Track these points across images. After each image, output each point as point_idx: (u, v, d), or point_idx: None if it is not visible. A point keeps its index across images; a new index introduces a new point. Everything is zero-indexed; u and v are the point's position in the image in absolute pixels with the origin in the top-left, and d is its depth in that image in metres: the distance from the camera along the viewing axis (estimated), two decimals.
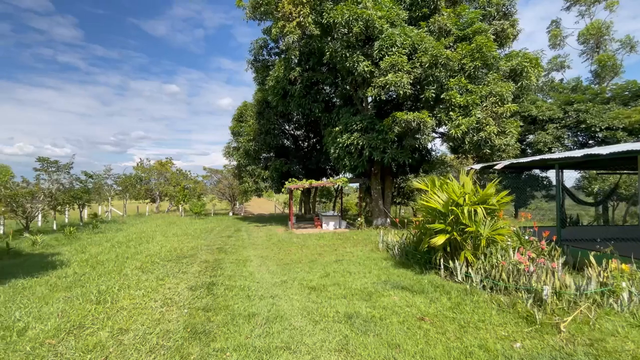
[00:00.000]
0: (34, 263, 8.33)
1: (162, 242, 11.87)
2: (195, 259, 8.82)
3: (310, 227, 17.41)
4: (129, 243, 11.69)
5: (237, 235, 14.33)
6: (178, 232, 15.17)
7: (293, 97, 15.80)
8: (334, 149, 14.48)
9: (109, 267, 7.75)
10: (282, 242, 11.93)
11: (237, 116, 22.21)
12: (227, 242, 12.12)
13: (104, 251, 10.09)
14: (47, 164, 16.40)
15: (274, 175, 19.96)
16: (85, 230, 15.31)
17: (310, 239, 12.78)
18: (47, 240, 11.97)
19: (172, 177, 36.22)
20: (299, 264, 8.17)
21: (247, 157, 20.99)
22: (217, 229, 17.09)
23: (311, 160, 22.48)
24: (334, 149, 14.48)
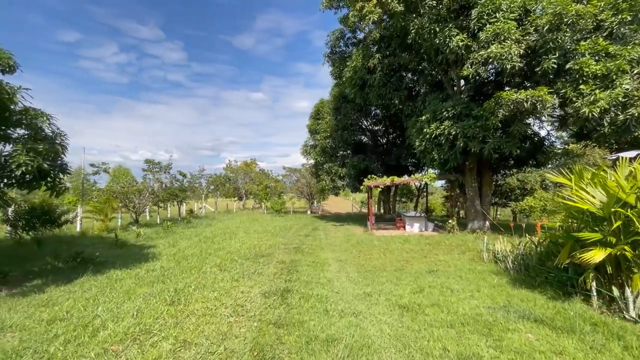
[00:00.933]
0: (133, 254, 8.96)
1: (244, 239, 11.95)
2: (272, 258, 8.38)
3: (391, 228, 15.94)
4: (215, 238, 12.08)
5: (314, 234, 13.79)
6: (259, 229, 15.38)
7: (372, 87, 14.59)
8: (420, 141, 12.78)
9: (192, 263, 7.77)
10: (361, 244, 10.87)
11: (314, 114, 21.98)
12: (304, 241, 11.60)
13: (191, 245, 10.49)
14: (152, 165, 18.50)
15: (351, 173, 19.03)
16: (181, 225, 16.71)
17: (393, 242, 11.42)
18: (149, 233, 13.21)
19: (256, 177, 38.39)
20: (384, 272, 6.99)
21: (324, 154, 20.52)
22: (295, 227, 16.93)
23: (390, 156, 20.87)
24: (420, 141, 12.78)
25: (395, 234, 13.66)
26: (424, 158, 13.43)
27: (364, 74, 14.55)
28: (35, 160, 5.02)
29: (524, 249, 6.64)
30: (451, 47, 10.68)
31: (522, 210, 22.40)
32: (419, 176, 13.84)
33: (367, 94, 15.03)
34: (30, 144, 5.06)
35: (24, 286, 5.79)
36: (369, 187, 14.78)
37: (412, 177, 14.55)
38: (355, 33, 17.18)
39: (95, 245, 10.33)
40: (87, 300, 4.93)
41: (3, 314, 4.33)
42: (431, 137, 12.10)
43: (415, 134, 13.28)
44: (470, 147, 11.35)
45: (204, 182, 29.74)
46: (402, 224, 15.56)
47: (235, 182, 39.51)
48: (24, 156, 4.90)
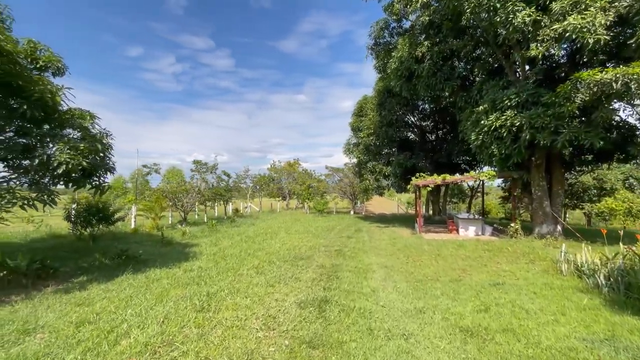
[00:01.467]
0: (175, 253, 9.02)
1: (284, 240, 11.62)
2: (311, 262, 7.84)
3: (442, 231, 14.60)
4: (256, 238, 11.92)
5: (357, 236, 13.05)
6: (300, 230, 15.03)
7: (420, 78, 13.43)
8: (476, 135, 11.40)
9: (230, 264, 7.52)
10: (409, 249, 9.90)
11: (357, 111, 21.18)
12: (346, 243, 10.92)
13: (232, 245, 10.38)
14: (199, 165, 19.15)
15: (396, 172, 17.90)
16: (225, 224, 16.99)
17: (445, 247, 10.27)
18: (194, 232, 13.51)
19: (299, 177, 38.53)
20: (437, 283, 6.07)
21: (367, 153, 19.61)
22: (338, 228, 16.31)
23: (440, 153, 19.32)
24: (476, 135, 11.40)
25: (447, 237, 12.39)
26: (480, 154, 11.98)
27: (411, 64, 13.44)
28: (75, 159, 5.04)
29: (625, 263, 5.27)
30: (515, 24, 9.26)
31: (599, 213, 19.40)
32: (475, 174, 12.41)
33: (415, 86, 13.89)
34: (72, 142, 5.09)
35: (70, 282, 5.91)
36: (417, 186, 13.65)
37: (466, 175, 13.12)
38: (401, 22, 16.07)
39: (143, 242, 10.68)
40: (120, 301, 4.78)
41: (40, 312, 4.29)
42: (490, 130, 10.69)
43: (471, 127, 11.91)
44: (539, 140, 9.78)
45: (249, 182, 30.39)
46: (455, 226, 14.14)
47: (279, 182, 40.05)
48: (65, 154, 4.93)
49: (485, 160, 12.13)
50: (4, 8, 6.20)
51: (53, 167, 4.94)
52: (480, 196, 30.14)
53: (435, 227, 16.63)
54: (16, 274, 5.43)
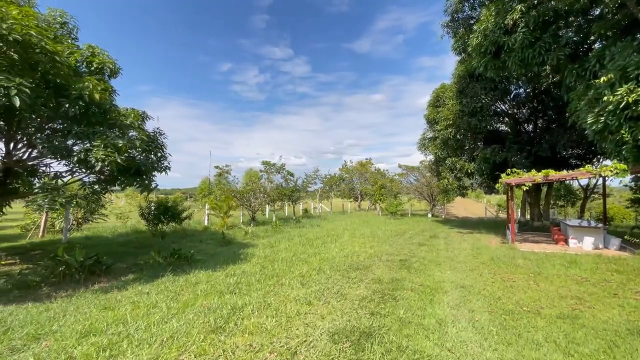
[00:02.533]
0: (230, 253, 8.80)
1: (345, 244, 10.62)
2: (367, 273, 6.66)
3: (543, 240, 11.67)
4: (315, 241, 11.18)
5: (431, 243, 11.25)
6: (366, 233, 13.83)
7: (511, 52, 10.89)
8: (595, 117, 8.59)
9: (276, 270, 6.86)
10: (497, 263, 7.87)
11: (433, 101, 18.85)
12: (415, 252, 9.35)
13: (288, 247, 9.81)
14: (268, 166, 19.46)
15: (482, 168, 15.19)
16: (291, 225, 16.77)
17: (548, 262, 7.91)
18: (257, 232, 13.47)
19: (371, 177, 37.03)
20: (537, 319, 4.30)
21: (446, 147, 17.20)
22: (410, 233, 14.59)
23: (541, 145, 15.77)
24: (595, 117, 8.59)
25: (552, 250, 9.69)
26: (602, 142, 9.03)
27: (499, 37, 10.99)
28: (112, 156, 4.95)
29: None
30: None
31: None
32: (594, 169, 9.39)
33: (504, 63, 11.34)
34: (111, 139, 5.04)
35: (118, 280, 5.94)
36: (509, 185, 11.10)
37: (579, 171, 10.03)
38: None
39: (206, 241, 10.89)
40: (143, 307, 4.42)
41: (60, 315, 4.14)
42: (618, 108, 7.86)
43: (586, 108, 9.07)
44: None
45: (319, 183, 30.19)
46: (563, 236, 11.13)
47: (351, 183, 39.14)
48: (100, 152, 4.87)
49: (611, 151, 9.09)
50: (70, 18, 6.66)
51: (91, 165, 4.93)
52: (598, 198, 24.75)
53: (534, 235, 13.54)
54: (72, 269, 5.62)
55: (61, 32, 6.27)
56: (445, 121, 16.22)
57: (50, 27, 5.16)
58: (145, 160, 6.17)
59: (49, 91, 4.81)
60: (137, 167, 5.86)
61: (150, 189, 6.37)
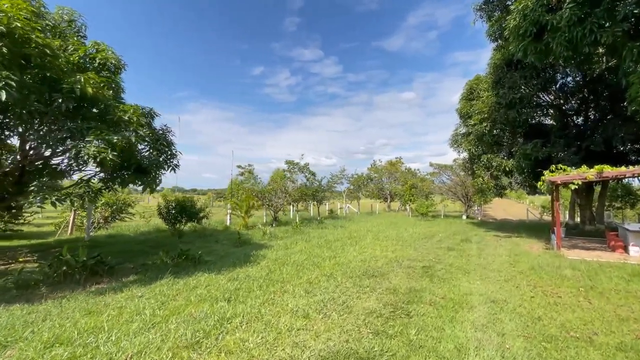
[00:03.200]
0: (241, 255, 8.45)
1: (366, 247, 9.93)
2: (382, 281, 5.96)
3: (597, 247, 10.16)
4: (335, 243, 10.59)
5: (462, 247, 10.21)
6: (391, 235, 12.98)
7: (555, 32, 9.57)
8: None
9: (283, 275, 6.36)
10: (538, 272, 6.79)
11: (466, 94, 17.48)
12: (442, 257, 8.44)
13: (303, 250, 9.31)
14: (291, 166, 19.14)
15: (522, 166, 13.69)
16: (313, 225, 16.29)
17: (603, 274, 6.69)
18: (276, 232, 13.12)
19: (401, 176, 35.67)
20: (591, 349, 3.41)
21: (480, 143, 15.79)
22: (440, 236, 13.52)
23: (593, 139, 13.94)
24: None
25: (608, 258, 8.30)
26: None
27: (540, 15, 9.71)
28: (105, 152, 4.73)
29: None
30: None
31: None
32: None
33: (547, 45, 10.00)
34: (105, 135, 4.83)
35: (119, 281, 5.77)
36: (554, 183, 9.76)
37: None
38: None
39: (222, 241, 10.70)
40: (123, 315, 4.08)
41: (39, 319, 3.91)
42: None
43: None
44: None
45: (345, 183, 29.45)
46: (622, 242, 9.59)
47: (380, 183, 37.97)
48: (92, 147, 4.67)
49: None
50: (79, 17, 6.64)
51: (84, 161, 4.75)
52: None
53: (586, 241, 11.92)
54: (73, 269, 5.51)
55: (69, 30, 6.28)
56: (479, 115, 14.87)
57: (41, 20, 5.06)
58: (149, 158, 5.96)
59: (43, 86, 4.71)
60: (138, 164, 5.64)
61: (154, 188, 6.16)
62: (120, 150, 4.96)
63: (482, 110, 14.83)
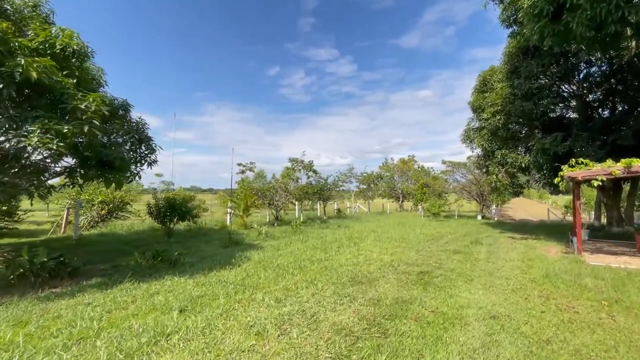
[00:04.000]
0: (225, 257, 7.91)
1: (363, 249, 9.24)
2: (367, 290, 5.26)
3: (625, 252, 9.03)
4: (331, 245, 9.94)
5: (470, 250, 9.33)
6: (395, 236, 12.19)
7: (576, 10, 8.53)
8: None
9: (261, 280, 5.78)
10: (553, 281, 5.91)
11: (478, 86, 16.38)
12: (445, 261, 7.63)
13: (295, 251, 8.71)
14: (295, 163, 18.58)
15: (540, 162, 12.55)
16: (315, 225, 15.64)
17: (631, 284, 5.75)
18: (274, 232, 12.57)
19: (413, 175, 34.52)
20: None
21: (494, 138, 14.70)
22: (449, 237, 12.63)
23: (620, 132, 12.65)
24: None
25: (637, 265, 7.25)
26: None
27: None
28: (51, 142, 4.27)
29: None
30: None
31: None
32: None
33: (566, 26, 8.96)
34: (53, 124, 4.38)
35: (80, 284, 5.31)
36: (574, 180, 8.72)
37: None
38: None
39: (213, 241, 10.24)
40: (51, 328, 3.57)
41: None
42: None
43: None
44: None
45: (354, 182, 28.63)
46: None
47: (391, 181, 36.92)
48: (36, 137, 4.22)
49: None
50: (45, 2, 6.27)
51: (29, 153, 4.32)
52: None
53: (612, 244, 10.75)
54: (29, 271, 5.10)
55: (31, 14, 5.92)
56: (493, 107, 13.80)
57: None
58: (114, 152, 5.49)
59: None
60: (100, 158, 5.18)
61: (121, 185, 5.70)
62: (73, 142, 4.51)
63: (495, 102, 13.76)
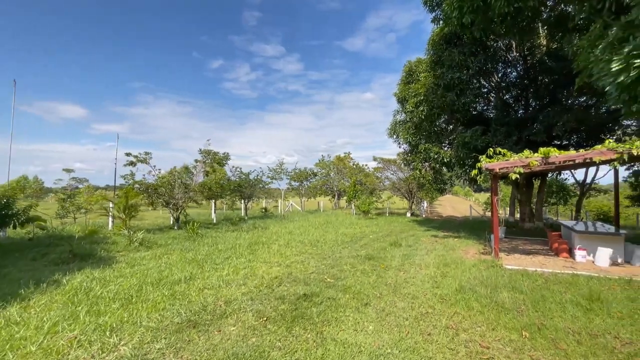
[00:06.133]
0: (27, 281, 5.34)
1: (256, 260, 7.33)
2: (196, 339, 3.31)
3: (539, 251, 8.46)
4: (218, 255, 7.84)
5: (384, 255, 7.97)
6: (312, 239, 10.54)
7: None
8: (620, 63, 5.48)
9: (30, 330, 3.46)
10: (467, 299, 4.60)
11: (404, 77, 15.55)
12: (347, 273, 6.04)
13: (153, 269, 6.43)
14: (206, 155, 15.97)
15: (461, 156, 11.97)
16: (223, 228, 13.30)
17: (552, 297, 4.68)
18: (158, 238, 10.01)
19: (349, 172, 33.77)
20: None
21: (418, 132, 13.94)
22: (370, 237, 11.39)
23: (534, 129, 12.67)
24: (620, 63, 5.48)
25: (553, 267, 6.47)
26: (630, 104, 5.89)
27: None
28: None
29: None
30: None
31: None
32: (622, 145, 5.95)
33: (485, 1, 8.07)
34: None
35: None
36: (492, 172, 7.82)
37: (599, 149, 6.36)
38: None
39: (52, 254, 7.40)
40: None
41: None
42: None
43: (606, 55, 5.96)
44: None
45: (285, 179, 26.67)
46: (565, 244, 7.95)
47: (327, 179, 35.83)
48: None
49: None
50: None
51: None
52: (595, 195, 22.39)
53: (526, 242, 10.37)
54: None
55: None
56: (416, 97, 12.93)
57: None
58: None
59: None
60: None
61: None
62: None
63: (418, 92, 12.90)
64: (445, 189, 17.74)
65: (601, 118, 12.55)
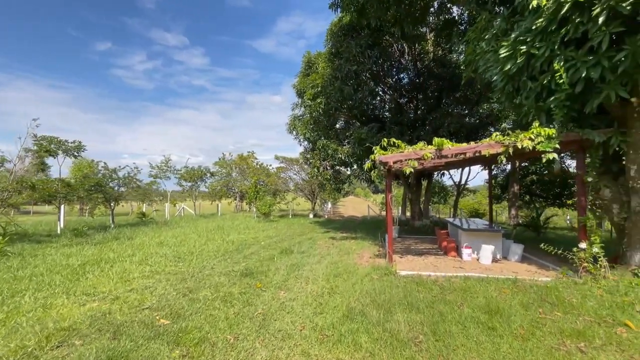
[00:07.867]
0: None
1: (79, 288, 4.86)
2: None
3: (430, 250, 8.20)
4: (21, 283, 5.03)
5: (267, 268, 6.42)
6: (184, 251, 8.31)
7: None
8: (508, 50, 5.19)
9: None
10: (355, 331, 3.34)
11: (304, 69, 14.54)
12: (220, 293, 4.24)
13: None
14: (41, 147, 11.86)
15: (358, 152, 11.43)
16: (66, 240, 9.81)
17: (451, 314, 3.81)
18: None
19: (251, 172, 31.48)
20: None
21: (316, 127, 13.02)
22: (262, 244, 9.75)
23: (423, 128, 13.10)
24: (508, 50, 5.19)
25: (444, 268, 5.98)
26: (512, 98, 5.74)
27: None
28: None
29: None
30: None
31: None
32: (507, 137, 5.73)
33: None
34: None
35: None
36: (385, 165, 7.09)
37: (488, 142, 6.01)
38: None
39: None
40: None
41: None
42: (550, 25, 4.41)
43: (491, 47, 5.74)
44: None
45: (173, 177, 22.89)
46: (453, 242, 7.81)
47: (227, 178, 32.83)
48: None
49: (527, 110, 5.79)
50: None
51: None
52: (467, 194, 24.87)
53: (417, 240, 10.28)
54: None
55: None
56: (314, 88, 11.92)
57: None
58: None
59: None
60: None
61: None
62: None
63: (316, 83, 11.92)
64: (343, 188, 17.42)
65: (474, 124, 13.92)
